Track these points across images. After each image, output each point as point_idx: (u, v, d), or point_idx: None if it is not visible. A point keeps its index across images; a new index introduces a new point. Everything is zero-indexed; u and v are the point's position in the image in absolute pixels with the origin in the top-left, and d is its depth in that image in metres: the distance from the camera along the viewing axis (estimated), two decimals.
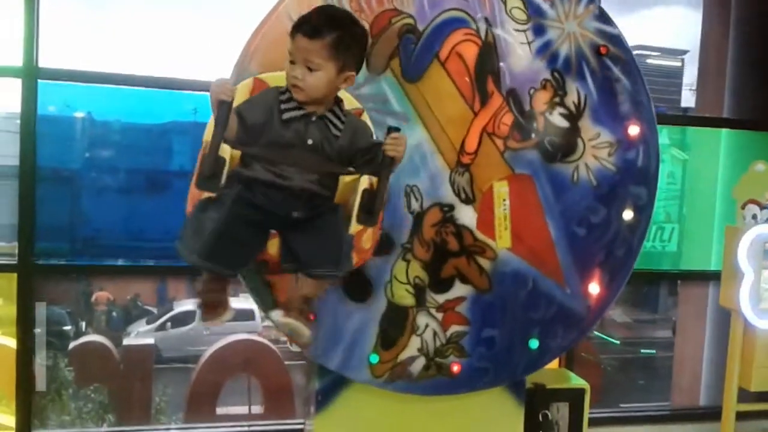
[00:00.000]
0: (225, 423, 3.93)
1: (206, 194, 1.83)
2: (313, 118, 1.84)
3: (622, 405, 4.55)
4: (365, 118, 2.16)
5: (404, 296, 2.46)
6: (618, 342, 12.58)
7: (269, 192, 1.82)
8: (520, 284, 2.52)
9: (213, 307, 1.92)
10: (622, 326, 13.07)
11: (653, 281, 8.18)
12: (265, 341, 6.25)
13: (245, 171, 1.84)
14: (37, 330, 3.63)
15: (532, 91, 2.49)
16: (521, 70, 2.48)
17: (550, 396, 2.94)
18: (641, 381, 10.83)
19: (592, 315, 2.59)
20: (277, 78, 2.05)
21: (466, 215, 2.47)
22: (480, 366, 2.52)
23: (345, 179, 2.00)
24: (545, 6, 2.51)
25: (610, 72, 2.56)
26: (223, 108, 1.72)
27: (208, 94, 1.73)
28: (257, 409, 5.37)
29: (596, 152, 2.55)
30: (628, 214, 2.59)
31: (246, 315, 10.35)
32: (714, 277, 4.05)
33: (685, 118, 5.07)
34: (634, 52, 2.65)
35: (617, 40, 2.58)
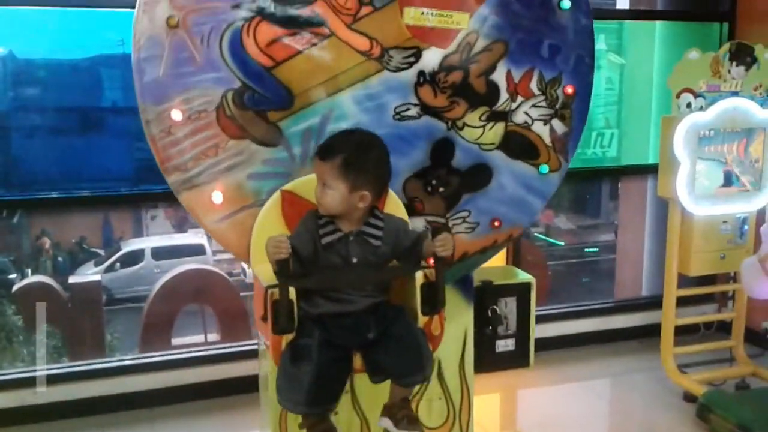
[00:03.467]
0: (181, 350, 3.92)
1: (285, 338, 1.96)
2: (351, 238, 1.96)
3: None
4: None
5: (495, 135, 2.50)
6: (562, 243, 12.99)
7: (340, 322, 1.97)
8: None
9: None
10: (567, 233, 13.46)
11: (594, 178, 8.37)
12: (215, 269, 6.21)
13: (312, 309, 1.98)
14: None
15: None
16: None
17: (497, 291, 3.03)
18: (586, 279, 11.26)
19: None
20: (303, 185, 2.18)
21: (431, 58, 2.42)
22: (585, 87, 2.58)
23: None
24: None
25: None
26: (283, 265, 1.84)
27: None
28: (213, 336, 5.37)
29: None
30: None
31: (196, 250, 10.28)
32: (652, 170, 4.12)
33: (619, 12, 5.08)
34: None
35: None
